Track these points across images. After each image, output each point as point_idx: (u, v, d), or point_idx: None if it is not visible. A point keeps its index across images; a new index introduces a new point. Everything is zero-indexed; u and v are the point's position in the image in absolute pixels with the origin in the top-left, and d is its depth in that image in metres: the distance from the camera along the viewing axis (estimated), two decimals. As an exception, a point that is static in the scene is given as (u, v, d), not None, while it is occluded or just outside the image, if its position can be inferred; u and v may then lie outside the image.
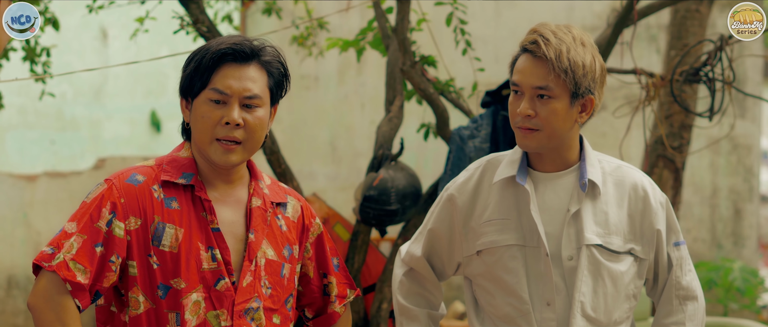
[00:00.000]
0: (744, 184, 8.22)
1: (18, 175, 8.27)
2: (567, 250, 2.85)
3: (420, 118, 5.16)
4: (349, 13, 7.07)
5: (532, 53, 2.80)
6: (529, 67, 2.81)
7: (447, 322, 7.71)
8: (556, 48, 2.77)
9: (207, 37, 4.55)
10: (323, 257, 2.95)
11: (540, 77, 2.79)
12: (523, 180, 2.87)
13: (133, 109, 9.48)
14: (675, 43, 5.54)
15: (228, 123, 2.67)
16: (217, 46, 2.70)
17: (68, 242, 2.62)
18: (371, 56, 6.88)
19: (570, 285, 2.84)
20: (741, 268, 7.61)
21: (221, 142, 2.68)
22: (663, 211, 2.94)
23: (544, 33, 2.80)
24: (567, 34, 2.81)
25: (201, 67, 2.68)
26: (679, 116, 5.40)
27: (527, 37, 2.83)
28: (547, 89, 2.78)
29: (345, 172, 8.48)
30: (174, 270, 2.66)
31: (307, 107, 8.53)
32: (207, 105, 2.68)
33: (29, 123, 9.06)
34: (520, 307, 2.87)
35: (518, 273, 2.87)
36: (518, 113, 2.82)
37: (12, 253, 8.11)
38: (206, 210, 2.71)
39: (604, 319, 2.87)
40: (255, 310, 2.73)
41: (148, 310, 2.67)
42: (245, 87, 2.68)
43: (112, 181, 2.70)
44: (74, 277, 2.59)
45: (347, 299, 3.00)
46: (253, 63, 2.71)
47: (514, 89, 2.85)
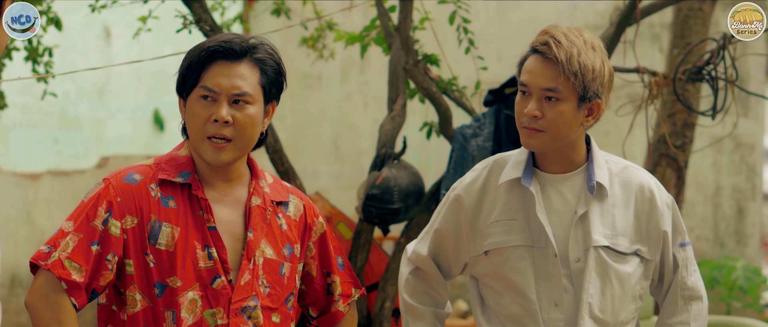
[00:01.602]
0: (747, 182, 8.22)
1: (21, 174, 8.28)
2: (574, 252, 2.85)
3: (423, 116, 5.16)
4: (353, 12, 7.07)
5: (542, 54, 2.80)
6: (538, 68, 2.80)
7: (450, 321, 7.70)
8: (567, 50, 2.76)
9: (210, 36, 4.55)
10: (327, 256, 2.94)
11: (549, 79, 2.78)
12: (528, 182, 2.86)
13: (137, 108, 9.49)
14: (678, 41, 5.54)
15: (216, 120, 2.67)
16: (208, 43, 2.70)
17: (64, 241, 2.62)
18: (374, 55, 6.89)
19: (577, 286, 2.84)
20: (744, 267, 7.61)
21: (212, 141, 2.68)
22: (669, 212, 2.94)
23: (556, 35, 2.79)
24: (578, 37, 2.80)
25: (192, 65, 2.70)
26: (682, 115, 5.40)
27: (538, 37, 2.82)
28: (555, 91, 2.78)
29: (348, 170, 8.48)
30: (170, 268, 2.66)
31: (310, 106, 8.53)
32: (197, 103, 2.69)
33: (33, 122, 9.07)
34: (527, 307, 2.87)
35: (526, 273, 2.87)
36: (525, 113, 2.82)
37: (15, 252, 8.12)
38: (203, 208, 2.71)
39: (612, 320, 2.87)
40: (252, 309, 2.73)
41: (144, 309, 2.67)
42: (234, 84, 2.68)
43: (109, 181, 2.71)
44: (69, 276, 2.59)
45: (352, 298, 2.98)
46: (245, 60, 2.71)
47: (521, 89, 2.85)
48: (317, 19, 5.83)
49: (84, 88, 9.18)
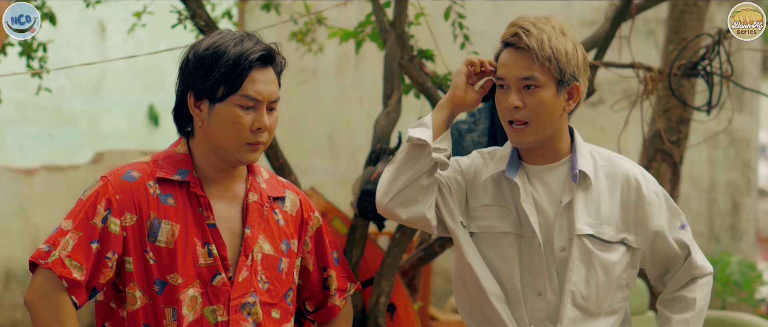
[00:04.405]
0: (742, 178, 8.23)
1: (16, 169, 8.27)
2: (559, 241, 2.87)
3: (418, 112, 5.15)
4: (348, 8, 7.08)
5: (513, 46, 2.83)
6: (512, 59, 2.83)
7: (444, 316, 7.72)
8: (537, 37, 2.79)
9: (205, 31, 4.55)
10: (323, 251, 2.96)
11: (524, 67, 2.81)
12: (512, 174, 2.89)
13: (132, 103, 9.48)
14: (673, 37, 5.54)
15: (260, 129, 2.70)
16: (244, 52, 2.69)
17: (64, 239, 2.63)
18: (369, 50, 6.88)
19: (561, 275, 2.87)
20: (739, 262, 7.63)
21: (249, 145, 2.71)
22: (659, 199, 2.95)
23: (524, 25, 2.83)
24: (547, 24, 2.84)
25: (231, 74, 2.68)
26: (677, 110, 5.41)
27: (508, 30, 2.85)
28: (532, 79, 2.81)
29: (343, 166, 8.49)
30: (170, 265, 2.67)
31: (306, 101, 8.53)
32: (237, 110, 2.70)
33: (28, 117, 9.06)
34: (511, 295, 2.89)
35: (512, 262, 2.89)
36: (506, 106, 2.84)
37: (10, 248, 8.11)
38: (202, 206, 2.73)
39: (595, 309, 2.88)
40: (251, 305, 2.74)
41: (144, 306, 2.68)
42: (272, 91, 2.73)
43: (107, 178, 2.72)
44: (70, 274, 2.60)
45: (347, 293, 3.00)
46: (271, 66, 2.75)
47: (499, 84, 2.87)
48: (307, 15, 5.83)
49: (79, 83, 9.17)
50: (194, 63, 2.72)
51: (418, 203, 2.87)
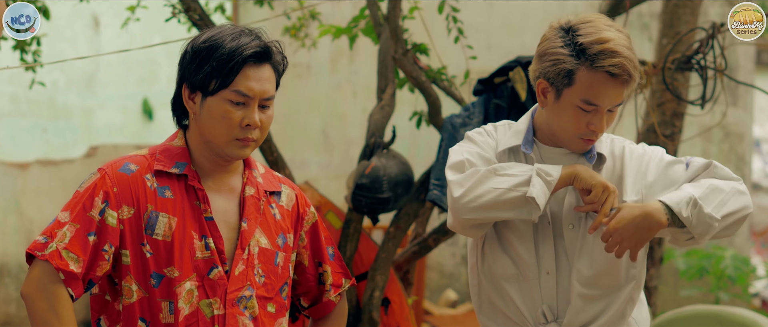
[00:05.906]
0: (736, 172, 8.24)
1: (10, 163, 8.26)
2: (569, 218, 2.89)
3: (412, 106, 5.16)
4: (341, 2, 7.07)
5: (615, 76, 2.77)
6: (611, 89, 2.79)
7: (439, 310, 7.73)
8: (635, 65, 2.78)
9: (199, 25, 4.55)
10: (318, 246, 2.95)
11: (620, 95, 2.81)
12: (528, 149, 2.90)
13: (125, 97, 9.47)
14: (667, 31, 5.54)
15: (249, 125, 2.69)
16: (239, 47, 2.68)
17: (61, 231, 2.62)
18: (363, 44, 6.88)
19: (570, 252, 2.88)
20: (733, 257, 7.64)
21: (238, 141, 2.70)
22: (654, 151, 2.95)
23: (623, 52, 2.76)
24: (627, 39, 2.80)
25: (223, 68, 2.67)
26: (671, 104, 5.41)
27: (608, 59, 2.76)
28: (621, 103, 2.84)
29: (337, 160, 8.48)
30: (167, 259, 2.67)
31: (300, 96, 8.53)
32: (228, 105, 2.69)
33: (21, 111, 9.04)
34: (525, 272, 2.90)
35: (526, 238, 2.89)
36: (593, 129, 2.83)
37: (4, 242, 8.11)
38: (200, 199, 2.72)
39: (605, 283, 2.89)
40: (248, 299, 2.73)
41: (141, 299, 2.67)
42: (264, 89, 2.71)
43: (104, 171, 2.71)
44: (67, 266, 2.59)
45: (342, 288, 3.00)
46: (268, 63, 2.73)
47: (585, 108, 2.81)
48: (300, 10, 5.82)
49: (72, 77, 9.16)
50: (191, 55, 2.72)
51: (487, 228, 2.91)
